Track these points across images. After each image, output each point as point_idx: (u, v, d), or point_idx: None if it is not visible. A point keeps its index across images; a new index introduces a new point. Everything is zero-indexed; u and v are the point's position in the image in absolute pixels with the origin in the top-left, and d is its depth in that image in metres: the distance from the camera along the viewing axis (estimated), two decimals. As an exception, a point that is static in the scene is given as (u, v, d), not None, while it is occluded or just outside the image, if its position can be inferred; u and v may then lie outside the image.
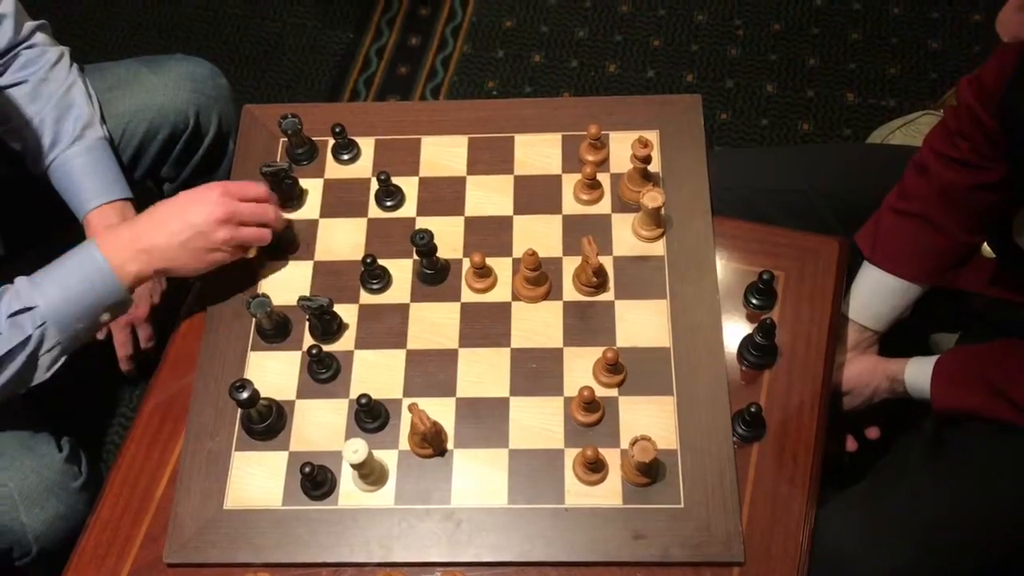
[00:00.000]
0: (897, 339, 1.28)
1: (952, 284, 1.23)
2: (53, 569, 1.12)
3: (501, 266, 1.17)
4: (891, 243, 1.22)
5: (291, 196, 1.23)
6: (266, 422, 1.07)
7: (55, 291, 1.05)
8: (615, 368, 1.08)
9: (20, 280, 1.08)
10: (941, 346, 1.35)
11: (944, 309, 1.31)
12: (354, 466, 1.00)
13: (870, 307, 1.24)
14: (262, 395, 1.05)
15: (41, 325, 1.05)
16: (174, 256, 1.08)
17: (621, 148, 1.23)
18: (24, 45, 1.32)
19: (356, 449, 0.98)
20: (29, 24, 1.32)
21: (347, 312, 1.15)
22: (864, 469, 1.22)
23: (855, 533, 1.10)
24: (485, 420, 1.08)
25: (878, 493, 1.14)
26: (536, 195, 1.23)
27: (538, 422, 1.08)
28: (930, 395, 1.16)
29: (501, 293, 1.16)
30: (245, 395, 1.02)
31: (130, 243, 1.08)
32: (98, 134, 1.33)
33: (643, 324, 1.13)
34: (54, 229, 1.55)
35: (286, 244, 1.20)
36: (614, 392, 1.09)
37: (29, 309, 1.05)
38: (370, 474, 1.03)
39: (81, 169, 1.31)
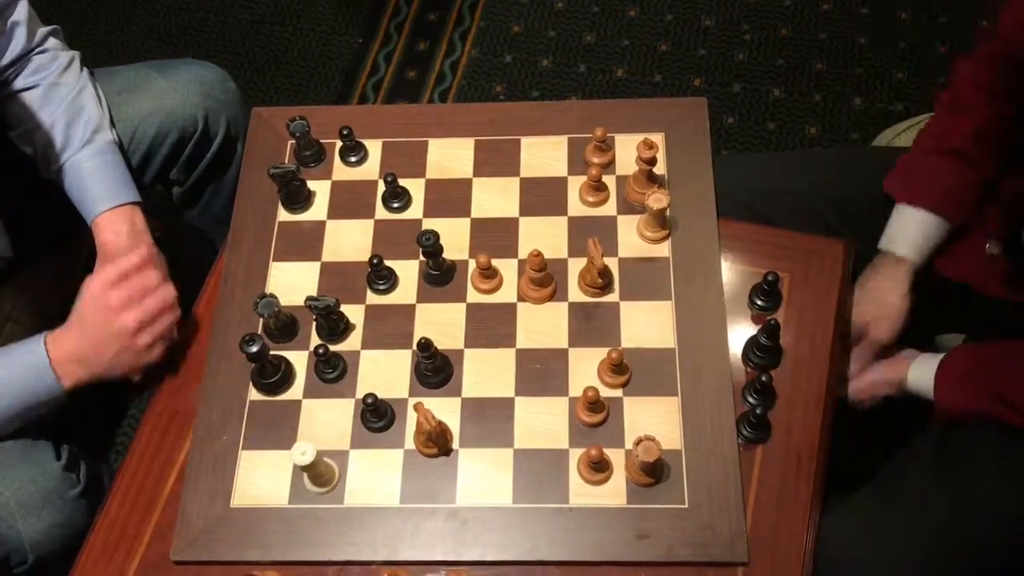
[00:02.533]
0: (904, 339, 1.28)
1: (959, 277, 1.23)
2: (50, 577, 1.14)
3: (507, 267, 1.18)
4: (929, 182, 1.23)
5: (299, 198, 1.24)
6: (278, 375, 1.10)
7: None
8: (620, 369, 1.08)
9: None
10: (946, 347, 1.34)
11: (951, 309, 1.31)
12: (303, 468, 1.01)
13: (907, 239, 1.23)
14: (267, 397, 1.06)
15: None
16: (112, 365, 1.14)
17: (627, 150, 1.23)
18: (36, 50, 1.33)
19: (304, 451, 0.99)
20: (42, 30, 1.34)
21: (354, 312, 1.16)
22: (869, 472, 1.22)
23: (860, 536, 1.10)
24: (490, 420, 1.09)
25: (883, 496, 1.14)
26: (542, 197, 1.23)
27: (543, 422, 1.08)
28: (933, 396, 1.16)
29: (507, 294, 1.16)
30: (254, 349, 1.05)
31: (75, 359, 1.13)
32: (107, 138, 1.35)
33: (648, 325, 1.13)
34: (65, 232, 1.57)
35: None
36: (619, 393, 1.09)
37: None
38: (320, 476, 1.04)
39: (90, 173, 1.32)
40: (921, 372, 1.19)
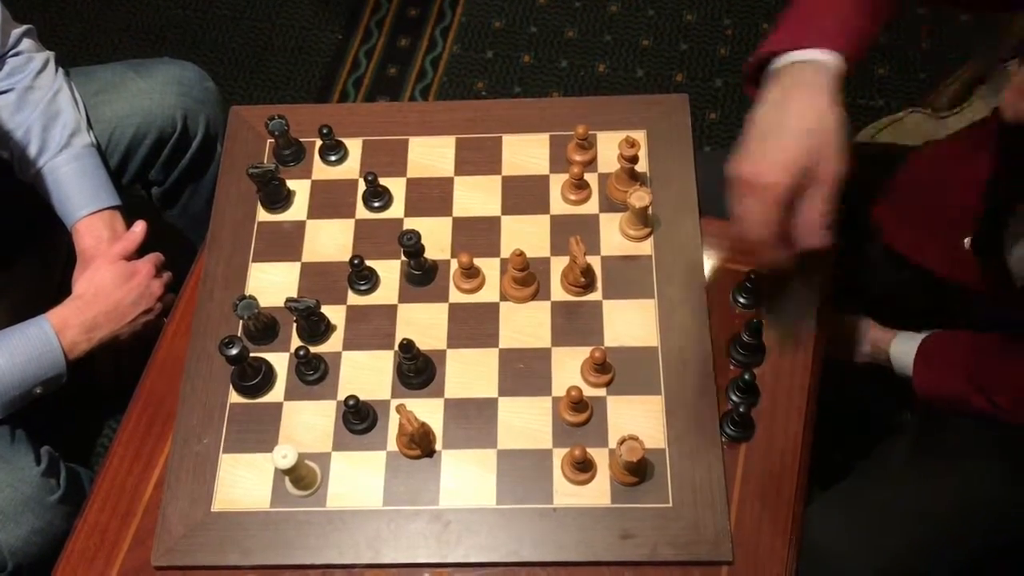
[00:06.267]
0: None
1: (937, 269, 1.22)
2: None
3: (489, 266, 1.17)
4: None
5: (278, 197, 1.23)
6: (258, 378, 1.10)
7: (2, 359, 1.17)
8: (603, 368, 1.08)
9: None
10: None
11: (929, 302, 1.31)
12: (285, 471, 1.00)
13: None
14: (248, 399, 1.05)
15: None
16: (118, 332, 1.27)
17: (608, 148, 1.23)
18: (10, 53, 1.31)
19: (285, 454, 0.99)
20: (16, 31, 1.32)
21: (335, 313, 1.15)
22: (850, 467, 1.22)
23: (842, 531, 1.10)
24: (473, 421, 1.08)
25: (863, 491, 1.15)
26: (524, 195, 1.23)
27: (526, 422, 1.08)
28: (912, 372, 1.16)
29: (489, 293, 1.16)
30: (234, 351, 1.04)
31: (83, 327, 1.23)
32: (85, 141, 1.33)
33: (631, 324, 1.13)
34: (44, 236, 1.55)
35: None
36: (602, 392, 1.09)
37: None
38: (302, 479, 1.04)
39: (69, 177, 1.31)
40: (903, 347, 1.20)
